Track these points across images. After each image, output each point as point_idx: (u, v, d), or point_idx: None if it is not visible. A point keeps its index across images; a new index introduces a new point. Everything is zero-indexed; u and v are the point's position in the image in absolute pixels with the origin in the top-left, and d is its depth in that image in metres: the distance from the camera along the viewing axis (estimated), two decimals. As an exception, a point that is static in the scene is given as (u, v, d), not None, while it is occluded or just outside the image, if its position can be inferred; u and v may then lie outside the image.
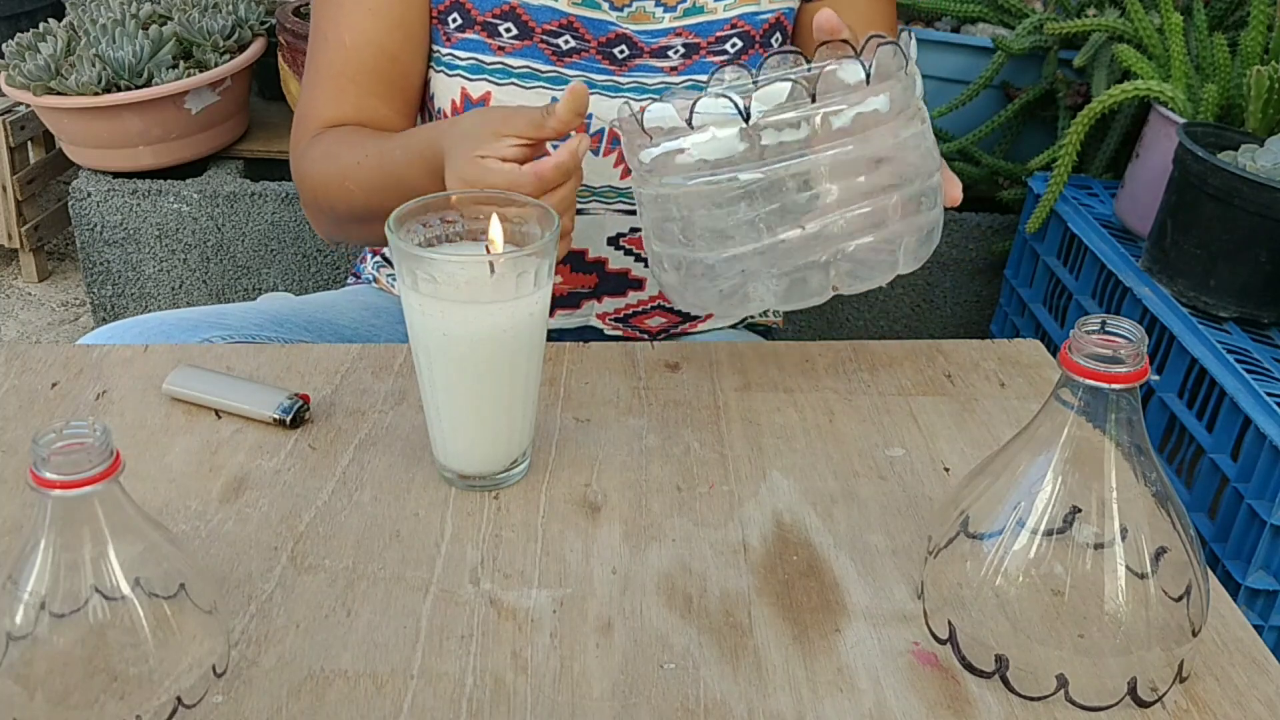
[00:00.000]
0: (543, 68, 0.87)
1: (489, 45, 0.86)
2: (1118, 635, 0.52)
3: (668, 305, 0.97)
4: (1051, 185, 1.50)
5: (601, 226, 0.92)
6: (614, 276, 0.95)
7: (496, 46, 0.86)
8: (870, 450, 0.72)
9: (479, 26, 0.86)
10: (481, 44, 0.86)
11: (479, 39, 0.87)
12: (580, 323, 0.97)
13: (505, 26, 0.86)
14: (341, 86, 0.89)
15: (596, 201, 0.91)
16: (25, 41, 1.85)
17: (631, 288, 0.96)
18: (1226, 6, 1.52)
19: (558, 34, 0.87)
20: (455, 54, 0.87)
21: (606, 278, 0.95)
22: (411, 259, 0.61)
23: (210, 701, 0.53)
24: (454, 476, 0.68)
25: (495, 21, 0.86)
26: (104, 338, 0.84)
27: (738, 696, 0.54)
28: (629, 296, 0.96)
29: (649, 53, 0.89)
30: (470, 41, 0.87)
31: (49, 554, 0.48)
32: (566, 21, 0.87)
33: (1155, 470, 0.53)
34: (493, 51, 0.86)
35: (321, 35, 0.89)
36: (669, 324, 0.98)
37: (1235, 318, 1.25)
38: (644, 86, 0.89)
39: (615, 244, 0.93)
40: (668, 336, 1.00)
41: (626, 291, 0.96)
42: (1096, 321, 0.52)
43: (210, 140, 1.89)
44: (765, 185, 0.64)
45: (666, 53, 0.89)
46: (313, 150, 0.88)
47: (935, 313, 1.91)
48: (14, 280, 2.25)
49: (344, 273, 1.93)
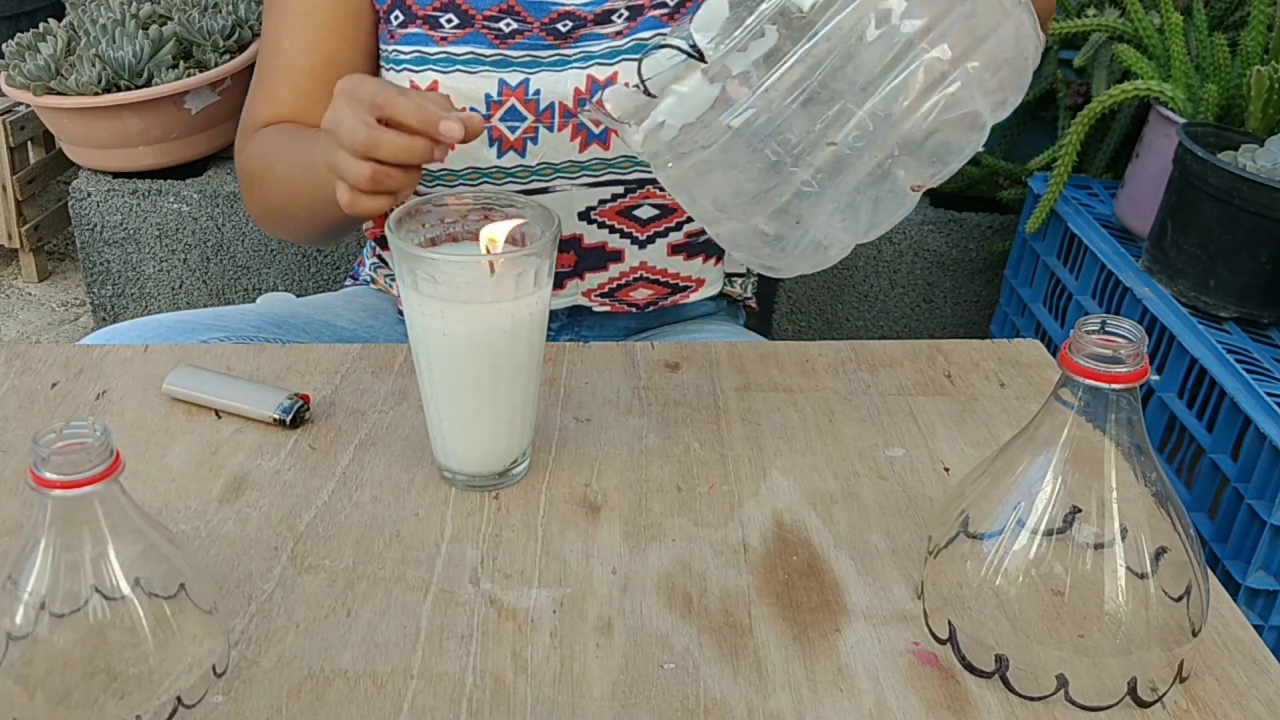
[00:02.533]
0: (486, 52, 0.87)
1: (431, 37, 0.87)
2: (1118, 635, 0.52)
3: (651, 277, 0.97)
4: (1051, 185, 1.50)
5: (570, 202, 0.92)
6: (591, 252, 0.95)
7: (439, 37, 0.87)
8: (870, 450, 0.72)
9: (420, 20, 0.87)
10: (424, 37, 0.87)
11: (421, 32, 0.87)
12: (568, 303, 0.97)
13: (446, 17, 0.87)
14: (280, 88, 0.92)
15: (561, 178, 0.91)
16: (25, 41, 1.85)
17: (612, 260, 0.96)
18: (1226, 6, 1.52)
19: (498, 18, 0.87)
20: (399, 49, 0.88)
21: (584, 254, 0.95)
22: (411, 259, 0.61)
23: (210, 701, 0.53)
24: (454, 476, 0.68)
25: (436, 14, 0.87)
26: (103, 341, 0.84)
27: (738, 696, 0.54)
28: (610, 270, 0.96)
29: (592, 20, 0.88)
30: (413, 35, 0.87)
31: (49, 554, 0.48)
32: (507, 6, 0.87)
33: (1155, 470, 0.53)
34: (435, 43, 0.87)
35: (266, 36, 0.93)
36: (656, 296, 0.98)
37: (1235, 318, 1.25)
38: (590, 54, 0.88)
39: (586, 219, 0.93)
40: (657, 310, 1.00)
41: (607, 265, 0.96)
42: (1096, 321, 0.52)
43: (210, 140, 1.89)
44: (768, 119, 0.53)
45: (610, 17, 0.88)
46: (248, 146, 0.92)
47: (935, 313, 1.91)
48: (14, 280, 2.25)
49: (344, 273, 1.93)
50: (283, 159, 0.87)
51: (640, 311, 0.99)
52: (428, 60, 0.87)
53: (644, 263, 0.96)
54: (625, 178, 0.91)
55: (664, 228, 0.95)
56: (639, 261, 0.96)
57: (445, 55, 0.87)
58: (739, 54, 0.53)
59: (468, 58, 0.87)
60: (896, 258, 1.85)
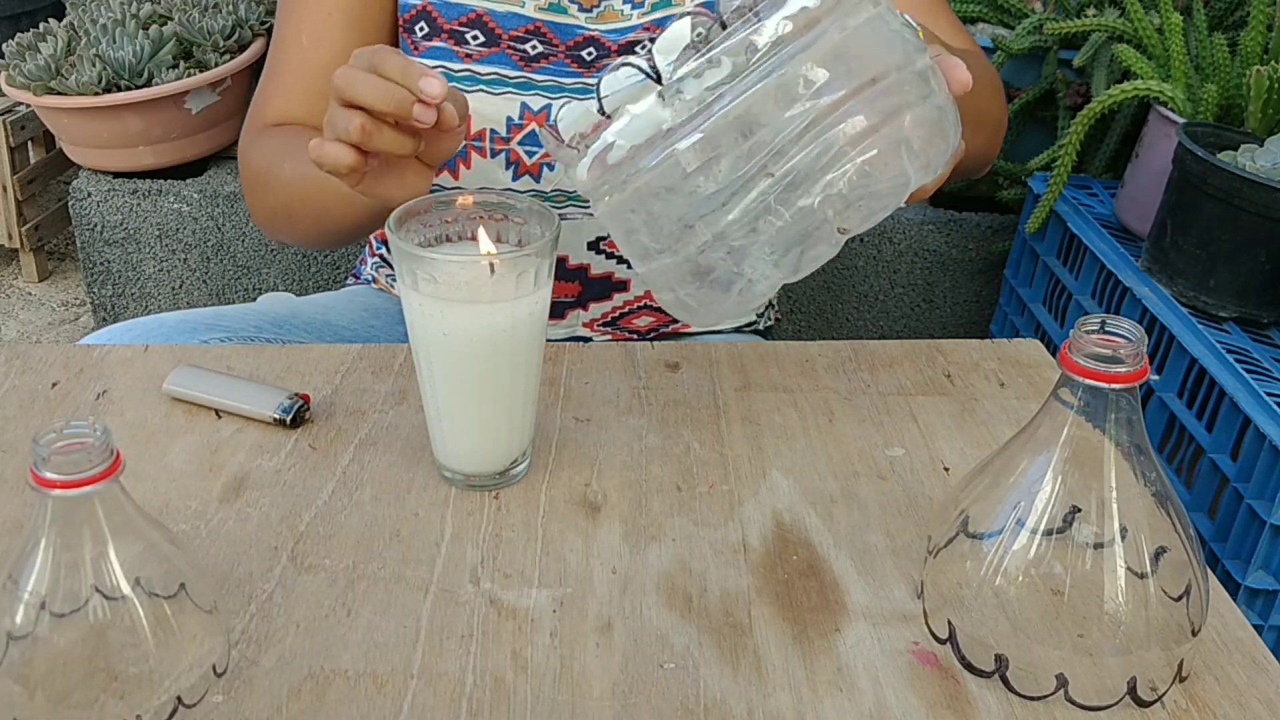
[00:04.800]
0: (510, 73, 0.86)
1: (456, 53, 0.86)
2: (1117, 635, 0.52)
3: (655, 305, 0.96)
4: (1051, 185, 1.50)
5: (580, 232, 0.91)
6: (597, 282, 0.94)
7: (464, 54, 0.86)
8: (870, 450, 0.72)
9: (446, 34, 0.86)
10: (449, 52, 0.86)
11: (446, 47, 0.86)
12: (567, 333, 0.97)
13: (472, 34, 0.86)
14: (294, 85, 0.89)
15: (573, 206, 0.90)
16: (25, 41, 1.85)
17: (616, 290, 0.95)
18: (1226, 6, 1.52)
19: (525, 39, 0.86)
20: (423, 62, 0.87)
21: (590, 284, 0.94)
22: (411, 259, 0.61)
23: (210, 701, 0.53)
24: (454, 476, 0.68)
25: (462, 29, 0.86)
26: (103, 340, 0.84)
27: (738, 696, 0.54)
28: (614, 299, 0.96)
29: (616, 50, 0.88)
30: (437, 49, 0.86)
31: (49, 554, 0.48)
32: (534, 27, 0.86)
33: (1155, 470, 0.53)
34: (460, 59, 0.86)
35: (282, 31, 0.90)
36: (657, 323, 0.98)
37: (1235, 318, 1.25)
38: None
39: (595, 248, 0.93)
40: (658, 336, 1.00)
41: (611, 295, 0.96)
42: (1096, 321, 0.52)
43: (210, 140, 1.89)
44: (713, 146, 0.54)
45: (635, 49, 0.88)
46: (256, 144, 0.89)
47: (935, 313, 1.91)
48: (14, 280, 2.25)
49: (344, 273, 1.93)
50: (291, 157, 0.85)
51: (641, 337, 0.99)
52: (452, 77, 0.86)
53: (649, 292, 0.96)
54: None
55: None
56: (644, 290, 0.95)
57: (469, 74, 0.86)
58: (694, 80, 0.54)
59: (491, 78, 0.86)
60: (896, 258, 1.85)
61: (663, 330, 0.99)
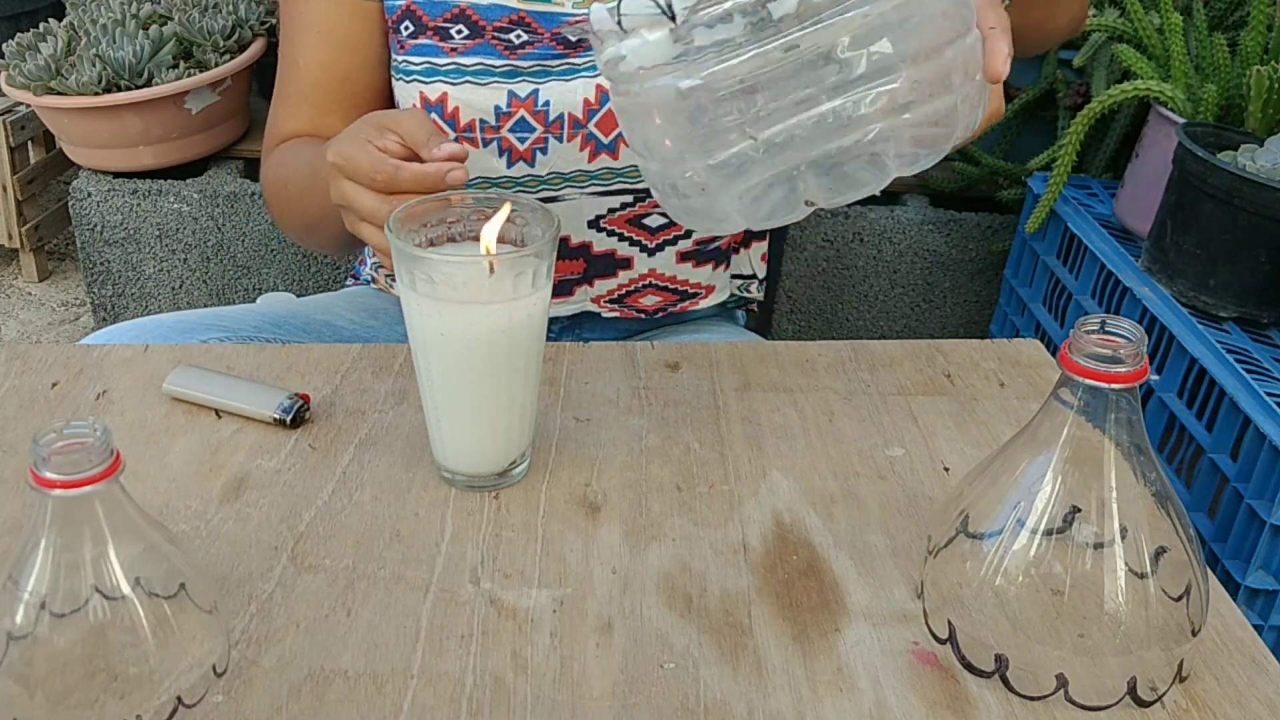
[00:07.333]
0: (496, 63, 0.87)
1: (441, 48, 0.87)
2: (1117, 635, 0.52)
3: (660, 284, 0.97)
4: (1051, 185, 1.50)
5: (579, 211, 0.92)
6: (601, 259, 0.95)
7: (449, 48, 0.87)
8: (870, 450, 0.72)
9: (431, 31, 0.87)
10: (434, 48, 0.87)
11: (431, 43, 0.87)
12: (576, 309, 0.98)
13: (457, 29, 0.87)
14: (298, 104, 0.93)
15: (570, 187, 0.91)
16: (25, 41, 1.85)
17: (621, 267, 0.96)
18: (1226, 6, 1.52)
19: (509, 29, 0.87)
20: (409, 60, 0.88)
21: (594, 260, 0.95)
22: (410, 259, 0.61)
23: (210, 701, 0.53)
24: (454, 476, 0.68)
25: (446, 25, 0.87)
26: (103, 341, 0.84)
27: (738, 696, 0.54)
28: (620, 276, 0.97)
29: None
30: (423, 46, 0.87)
31: (49, 554, 0.48)
32: (518, 17, 0.87)
33: (1155, 470, 0.53)
34: (445, 53, 0.87)
35: (283, 53, 0.94)
36: (664, 302, 0.99)
37: (1235, 318, 1.25)
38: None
39: (596, 227, 0.93)
40: (665, 316, 1.00)
41: (616, 272, 0.96)
42: (1096, 321, 0.52)
43: (210, 140, 1.89)
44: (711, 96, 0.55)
45: None
46: (270, 160, 0.94)
47: (935, 313, 1.91)
48: (14, 280, 2.25)
49: (344, 273, 1.93)
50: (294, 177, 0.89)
51: (649, 317, 0.99)
52: (437, 71, 0.87)
53: (653, 270, 0.96)
54: (634, 186, 0.91)
55: (673, 236, 0.95)
56: (648, 269, 0.96)
57: (455, 66, 0.87)
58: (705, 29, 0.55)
59: (477, 69, 0.87)
60: (896, 258, 1.85)
61: (670, 310, 0.99)
